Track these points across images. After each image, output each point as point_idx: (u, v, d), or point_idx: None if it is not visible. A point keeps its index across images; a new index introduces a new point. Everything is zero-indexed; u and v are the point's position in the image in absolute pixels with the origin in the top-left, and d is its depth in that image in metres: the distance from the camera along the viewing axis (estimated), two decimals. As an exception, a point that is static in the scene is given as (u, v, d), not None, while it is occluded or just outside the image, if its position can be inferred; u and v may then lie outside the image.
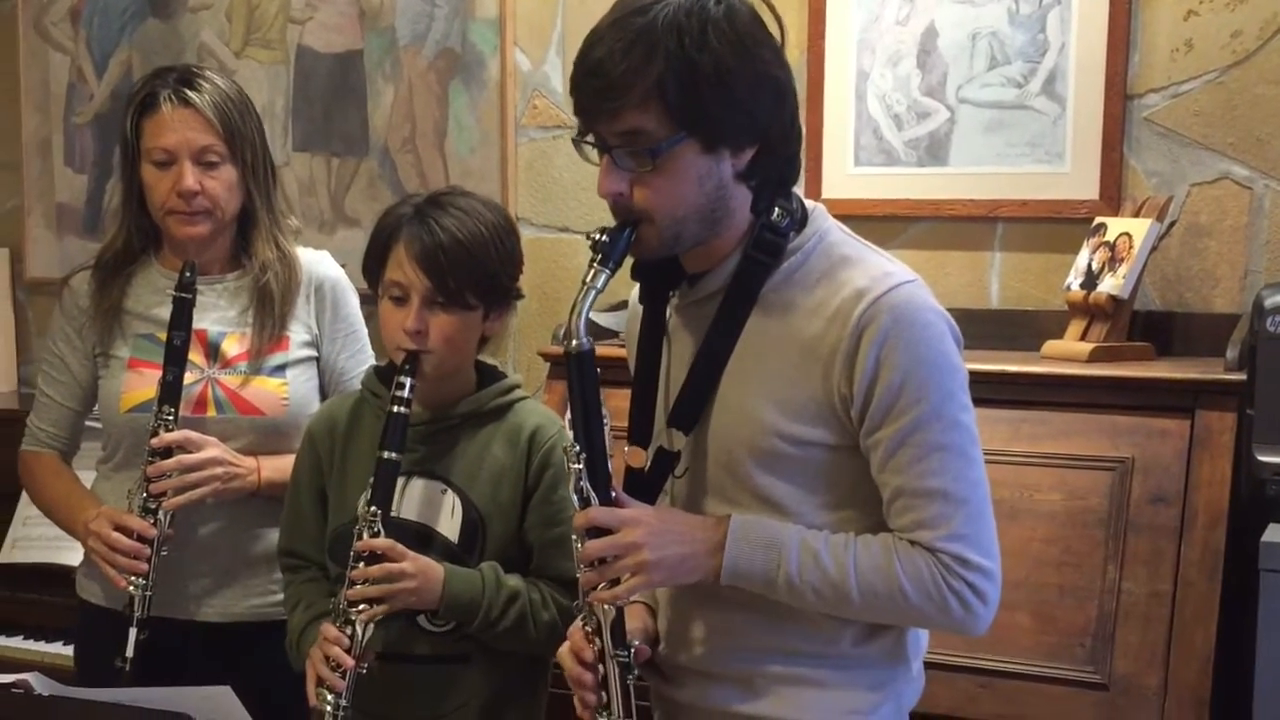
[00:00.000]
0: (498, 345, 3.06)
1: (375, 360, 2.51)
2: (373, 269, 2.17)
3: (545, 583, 2.14)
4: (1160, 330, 2.85)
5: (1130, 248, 2.72)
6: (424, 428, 2.16)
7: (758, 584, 1.77)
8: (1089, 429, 2.52)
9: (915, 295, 1.76)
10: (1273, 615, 2.24)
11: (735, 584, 1.78)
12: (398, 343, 2.12)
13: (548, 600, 2.13)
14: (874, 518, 1.79)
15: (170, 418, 2.36)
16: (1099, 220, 2.83)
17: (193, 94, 2.39)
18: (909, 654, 1.87)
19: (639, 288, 1.94)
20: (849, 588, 1.74)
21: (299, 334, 2.50)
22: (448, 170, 3.50)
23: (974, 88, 3.01)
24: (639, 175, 1.73)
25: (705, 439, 1.83)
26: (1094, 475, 2.48)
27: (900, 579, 1.73)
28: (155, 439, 2.35)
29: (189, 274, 2.37)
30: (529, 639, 2.12)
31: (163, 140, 2.38)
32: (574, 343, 1.77)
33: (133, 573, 2.32)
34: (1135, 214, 2.79)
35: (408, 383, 2.09)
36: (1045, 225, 2.98)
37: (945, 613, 1.75)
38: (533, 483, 2.17)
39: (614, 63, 1.69)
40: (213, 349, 2.45)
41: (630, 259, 1.81)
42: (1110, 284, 2.73)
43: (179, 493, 2.35)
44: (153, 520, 2.34)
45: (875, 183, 3.10)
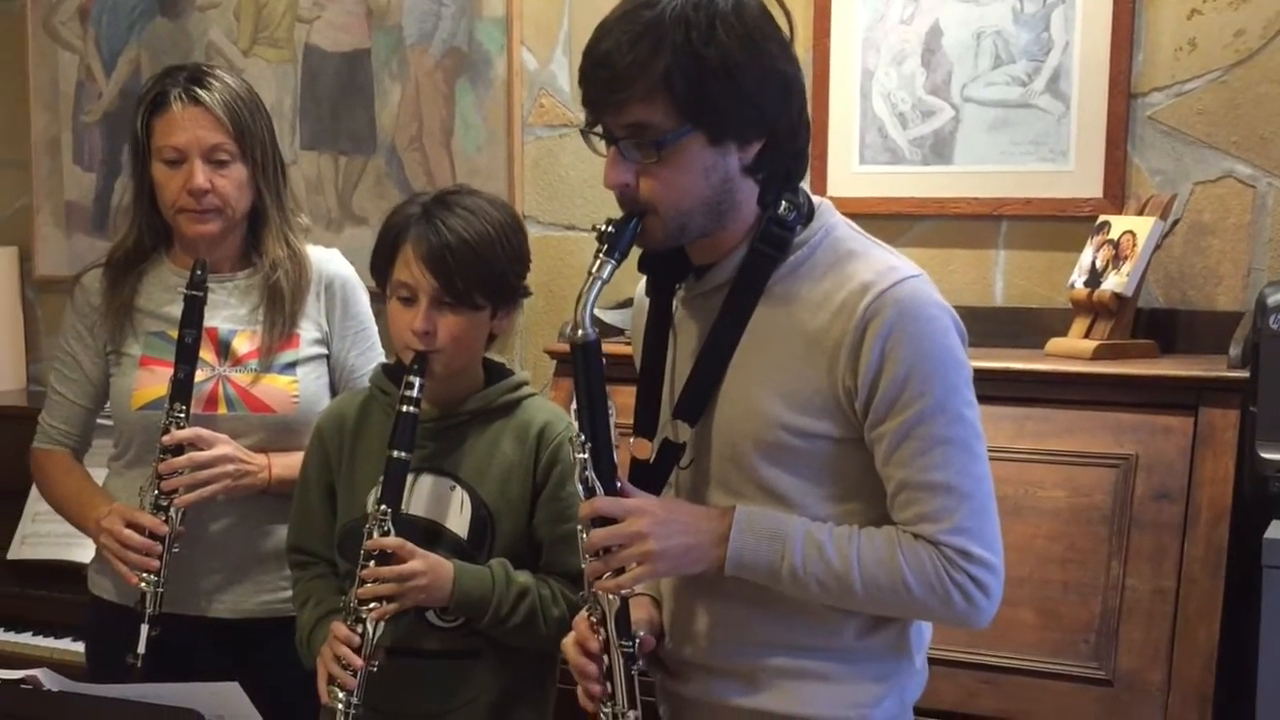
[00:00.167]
0: (505, 342, 3.07)
1: (385, 358, 2.52)
2: (381, 269, 2.17)
3: (554, 579, 2.14)
4: (1164, 328, 2.85)
5: (1134, 246, 2.73)
6: (433, 425, 2.17)
7: (762, 575, 1.78)
8: (1093, 426, 2.52)
9: (920, 290, 1.76)
10: (1276, 612, 2.24)
11: (739, 575, 1.78)
12: (406, 343, 2.12)
13: (557, 596, 2.13)
14: (878, 510, 1.80)
15: (182, 415, 2.37)
16: (1103, 218, 2.84)
17: (203, 93, 2.40)
18: (912, 647, 1.87)
19: (645, 281, 1.95)
20: (853, 579, 1.75)
21: (309, 332, 2.51)
22: (454, 169, 3.50)
23: (978, 86, 3.01)
24: (645, 167, 1.74)
25: (710, 431, 1.84)
26: (1098, 472, 2.48)
27: (904, 571, 1.74)
28: (167, 436, 2.36)
29: (200, 272, 2.38)
30: (539, 635, 2.12)
31: (173, 139, 2.40)
32: (580, 333, 1.77)
33: (145, 569, 2.33)
34: (1139, 212, 2.79)
35: (417, 382, 2.09)
36: (1049, 223, 2.98)
37: (948, 605, 1.75)
38: (541, 479, 2.17)
39: (621, 55, 1.70)
40: (224, 347, 2.47)
41: (637, 251, 1.82)
42: (1114, 282, 2.73)
43: (190, 490, 2.36)
44: (164, 517, 2.35)
45: (880, 181, 3.10)
